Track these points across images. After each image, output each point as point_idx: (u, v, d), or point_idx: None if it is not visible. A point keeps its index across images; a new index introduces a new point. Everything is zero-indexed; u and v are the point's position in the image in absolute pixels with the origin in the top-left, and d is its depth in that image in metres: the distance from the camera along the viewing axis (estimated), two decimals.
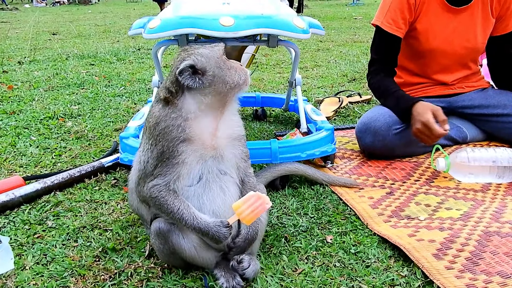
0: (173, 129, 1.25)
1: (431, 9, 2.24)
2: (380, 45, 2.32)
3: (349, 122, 2.92)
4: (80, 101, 3.41)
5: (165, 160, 1.26)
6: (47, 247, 1.49)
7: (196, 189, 1.30)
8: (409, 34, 2.28)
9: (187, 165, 1.27)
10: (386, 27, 2.24)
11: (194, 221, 1.24)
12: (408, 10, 2.22)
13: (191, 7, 2.00)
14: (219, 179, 1.32)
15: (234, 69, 1.31)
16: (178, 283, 1.32)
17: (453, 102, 2.41)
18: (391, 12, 2.23)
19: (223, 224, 1.24)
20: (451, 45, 2.29)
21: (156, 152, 1.26)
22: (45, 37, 7.72)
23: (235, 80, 1.29)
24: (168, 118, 1.26)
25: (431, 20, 2.25)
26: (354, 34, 8.00)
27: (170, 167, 1.26)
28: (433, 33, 2.26)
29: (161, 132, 1.26)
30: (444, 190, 1.89)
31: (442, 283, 1.27)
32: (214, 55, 1.29)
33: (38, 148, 2.42)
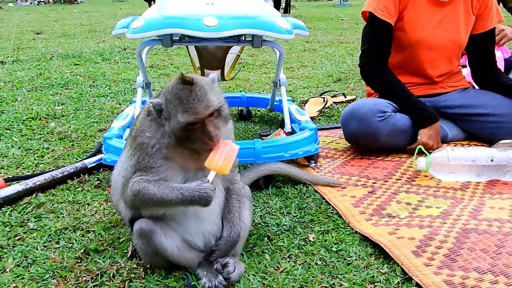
0: (148, 147, 1.26)
1: (418, 1, 2.30)
2: (373, 32, 2.34)
3: (333, 122, 2.94)
4: (64, 101, 3.38)
5: (143, 168, 1.27)
6: (28, 249, 1.48)
7: None
8: (396, 25, 2.33)
9: (167, 174, 1.28)
10: (378, 13, 2.28)
11: (177, 192, 1.21)
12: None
13: (175, 7, 2.00)
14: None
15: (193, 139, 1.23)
16: (160, 283, 1.32)
17: (436, 102, 2.45)
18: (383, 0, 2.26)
19: (204, 181, 1.21)
20: (436, 38, 2.34)
21: (134, 161, 1.28)
22: (29, 36, 7.62)
23: (188, 145, 1.25)
24: (144, 135, 1.27)
25: (418, 12, 2.31)
26: (340, 34, 8.07)
27: (149, 173, 1.26)
28: (419, 24, 2.32)
29: (137, 147, 1.28)
30: (424, 189, 1.92)
31: (420, 279, 1.29)
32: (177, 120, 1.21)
33: (20, 149, 2.40)
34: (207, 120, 1.20)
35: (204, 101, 1.18)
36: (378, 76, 2.37)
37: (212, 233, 1.36)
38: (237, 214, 1.37)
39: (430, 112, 2.26)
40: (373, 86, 2.44)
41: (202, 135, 1.21)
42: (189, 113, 1.17)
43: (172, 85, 1.21)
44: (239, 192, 1.40)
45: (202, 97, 1.18)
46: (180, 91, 1.18)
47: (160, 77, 4.35)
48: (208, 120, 1.21)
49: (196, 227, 1.33)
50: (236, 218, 1.36)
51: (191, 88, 1.18)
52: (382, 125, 2.17)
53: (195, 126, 1.20)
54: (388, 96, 2.32)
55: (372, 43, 2.35)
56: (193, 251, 1.35)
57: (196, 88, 1.18)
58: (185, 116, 1.17)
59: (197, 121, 1.19)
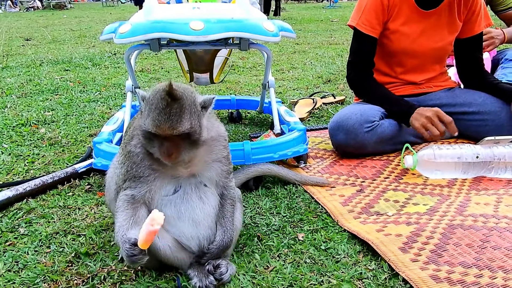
0: (134, 156, 1.27)
1: (403, 12, 2.34)
2: (357, 45, 2.41)
3: (323, 122, 2.97)
4: (54, 107, 3.38)
5: (131, 177, 1.28)
6: (19, 254, 1.49)
7: (173, 199, 1.32)
8: (382, 33, 2.37)
9: (157, 182, 1.29)
10: (361, 27, 2.33)
11: (119, 237, 1.21)
12: (381, 11, 2.31)
13: (161, 12, 2.02)
14: (198, 190, 1.34)
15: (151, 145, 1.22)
16: (151, 284, 1.33)
17: (422, 101, 2.49)
18: (366, 13, 2.32)
19: (130, 242, 1.16)
20: (420, 46, 2.38)
21: (124, 169, 1.31)
22: (18, 43, 7.59)
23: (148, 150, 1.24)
24: (131, 143, 1.28)
25: (403, 22, 2.35)
26: (330, 36, 8.12)
27: (138, 183, 1.28)
28: (404, 34, 2.36)
29: (126, 155, 1.30)
30: (412, 187, 1.95)
31: (407, 275, 1.32)
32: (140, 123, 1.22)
33: (10, 155, 2.40)
34: (169, 138, 1.18)
35: (173, 121, 1.15)
36: (361, 87, 2.46)
37: (207, 237, 1.37)
38: (230, 219, 1.39)
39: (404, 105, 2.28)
40: (358, 95, 2.54)
41: (160, 148, 1.20)
42: (154, 124, 1.16)
43: (159, 88, 1.20)
44: (233, 197, 1.42)
45: (174, 116, 1.15)
46: (159, 99, 1.16)
47: (150, 81, 4.36)
48: (171, 139, 1.19)
49: (192, 231, 1.34)
50: (229, 223, 1.38)
51: (169, 102, 1.15)
52: (370, 136, 2.21)
53: (157, 137, 1.19)
54: (371, 102, 2.38)
55: (356, 55, 2.43)
56: (185, 251, 1.36)
57: (174, 105, 1.15)
58: (150, 124, 1.17)
59: (157, 134, 1.18)
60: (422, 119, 2.16)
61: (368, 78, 2.41)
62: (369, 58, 2.39)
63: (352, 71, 2.45)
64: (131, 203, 1.27)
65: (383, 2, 2.30)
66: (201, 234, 1.35)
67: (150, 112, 1.17)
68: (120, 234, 1.21)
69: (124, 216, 1.25)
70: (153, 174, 1.28)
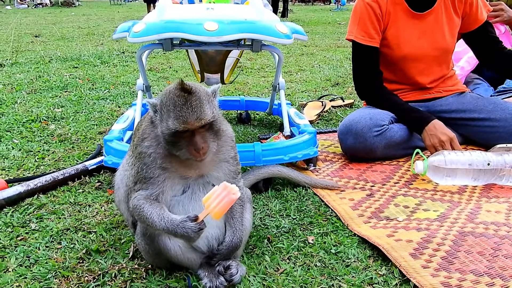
0: (146, 157, 1.26)
1: (398, 18, 2.33)
2: (359, 58, 2.40)
3: (331, 125, 2.97)
4: (64, 104, 3.39)
5: (142, 179, 1.28)
6: (30, 249, 1.50)
7: (181, 199, 1.32)
8: (382, 43, 2.36)
9: (168, 183, 1.29)
10: (359, 39, 2.33)
11: (163, 222, 1.21)
12: (376, 20, 2.31)
13: (175, 12, 2.02)
14: (205, 190, 1.33)
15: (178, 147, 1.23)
16: (161, 283, 1.34)
17: (431, 106, 2.48)
18: (362, 25, 2.32)
19: (190, 219, 1.19)
20: (422, 49, 2.37)
21: (134, 171, 1.30)
22: (27, 39, 7.63)
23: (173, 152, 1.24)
24: (143, 144, 1.27)
25: (399, 28, 2.34)
26: (337, 39, 8.12)
27: (149, 185, 1.28)
28: (403, 39, 2.35)
29: (137, 156, 1.29)
30: (422, 192, 1.94)
31: (418, 281, 1.31)
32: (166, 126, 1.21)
33: (21, 151, 2.41)
34: (197, 131, 1.21)
35: (197, 112, 1.18)
36: (373, 97, 2.44)
37: (216, 237, 1.37)
38: (239, 220, 1.39)
39: (420, 115, 2.27)
40: (368, 103, 2.50)
41: (189, 144, 1.21)
42: (180, 121, 1.18)
43: (170, 89, 1.22)
44: (242, 198, 1.42)
45: (196, 108, 1.18)
46: (176, 97, 1.19)
47: (159, 80, 4.37)
48: (198, 132, 1.21)
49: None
50: (238, 224, 1.38)
51: (187, 96, 1.18)
52: (379, 140, 2.21)
53: (184, 135, 1.20)
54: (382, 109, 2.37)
55: (360, 67, 2.42)
56: (195, 252, 1.36)
57: (192, 98, 1.19)
58: (175, 123, 1.18)
59: (185, 130, 1.19)
60: (435, 140, 2.15)
61: (378, 88, 2.39)
62: (374, 68, 2.38)
63: (360, 85, 2.45)
64: (151, 200, 1.27)
65: (375, 12, 2.29)
66: (210, 234, 1.35)
67: (170, 113, 1.18)
68: (163, 220, 1.20)
69: (155, 208, 1.24)
70: (163, 175, 1.28)
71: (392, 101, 2.36)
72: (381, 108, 2.38)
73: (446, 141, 2.13)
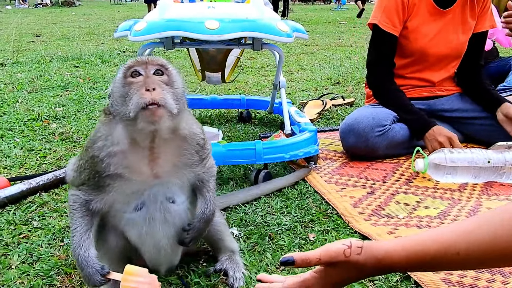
0: (98, 162, 1.10)
1: (421, 10, 2.35)
2: (377, 45, 2.42)
3: (332, 124, 2.98)
4: (65, 103, 3.40)
5: (91, 185, 1.14)
6: (33, 247, 1.50)
7: (134, 218, 1.18)
8: (400, 33, 2.38)
9: (119, 195, 1.15)
10: (383, 26, 2.34)
11: (78, 250, 1.10)
12: (402, 9, 2.32)
13: (176, 10, 2.03)
14: (164, 210, 1.19)
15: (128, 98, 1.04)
16: (163, 280, 1.34)
17: (433, 105, 2.49)
18: (387, 12, 2.33)
19: (102, 272, 1.08)
20: (436, 46, 2.38)
21: (84, 175, 1.14)
22: (28, 39, 7.64)
23: (124, 112, 1.05)
24: (96, 147, 1.11)
25: (420, 21, 2.36)
26: (338, 38, 8.12)
27: (97, 192, 1.14)
28: (421, 33, 2.37)
29: (88, 161, 1.13)
30: (423, 190, 1.95)
31: (419, 278, 1.32)
32: (115, 78, 1.10)
33: (23, 149, 2.42)
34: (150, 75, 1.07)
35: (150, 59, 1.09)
36: (381, 89, 2.45)
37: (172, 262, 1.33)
38: (212, 193, 1.27)
39: (422, 120, 2.27)
40: (375, 96, 2.50)
41: (140, 88, 1.03)
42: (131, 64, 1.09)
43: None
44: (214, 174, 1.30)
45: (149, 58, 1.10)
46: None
47: None
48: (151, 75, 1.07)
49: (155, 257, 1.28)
50: (211, 196, 1.26)
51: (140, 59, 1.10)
52: (380, 140, 2.22)
53: (136, 79, 1.06)
54: (387, 106, 2.38)
55: (377, 55, 2.43)
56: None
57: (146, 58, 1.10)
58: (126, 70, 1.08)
59: (136, 69, 1.07)
60: (435, 142, 2.16)
61: (389, 81, 2.41)
62: (390, 57, 2.39)
63: (373, 72, 2.45)
64: (86, 209, 1.14)
65: (403, 1, 2.31)
66: (166, 259, 1.30)
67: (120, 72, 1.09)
68: (80, 247, 1.11)
69: (83, 226, 1.13)
70: (113, 184, 1.13)
71: (398, 98, 2.37)
72: (385, 102, 2.39)
73: (444, 142, 2.14)
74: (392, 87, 2.41)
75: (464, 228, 0.89)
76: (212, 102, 2.99)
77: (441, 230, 0.93)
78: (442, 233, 0.91)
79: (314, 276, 0.93)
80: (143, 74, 1.07)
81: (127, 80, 1.07)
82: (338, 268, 0.90)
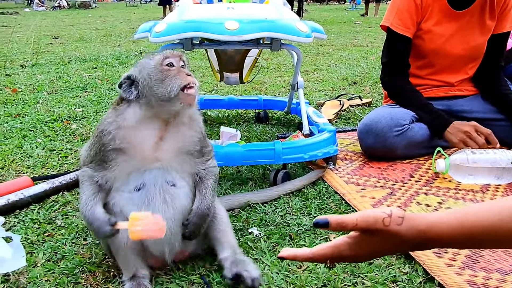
0: (105, 135, 1.23)
1: (435, 12, 2.32)
2: (391, 46, 2.40)
3: (350, 124, 2.96)
4: (84, 104, 3.45)
5: (97, 161, 1.26)
6: (57, 245, 1.53)
7: (134, 198, 1.26)
8: (415, 34, 2.36)
9: (121, 172, 1.25)
10: (395, 28, 2.32)
11: (85, 208, 1.22)
12: (415, 11, 2.30)
13: (196, 11, 2.04)
14: (163, 191, 1.27)
15: (168, 81, 1.22)
16: (186, 279, 1.35)
17: (452, 105, 2.46)
18: (400, 14, 2.32)
19: (110, 222, 1.17)
20: (452, 47, 2.35)
21: (92, 151, 1.27)
22: (47, 41, 7.77)
23: (163, 93, 1.21)
24: (106, 123, 1.25)
25: (435, 22, 2.33)
26: (354, 38, 8.08)
27: (102, 169, 1.25)
28: (436, 34, 2.34)
29: (97, 135, 1.26)
30: (444, 191, 1.93)
31: (443, 279, 1.31)
32: (148, 65, 1.25)
33: (44, 149, 2.46)
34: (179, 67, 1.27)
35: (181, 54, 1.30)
36: (396, 89, 2.43)
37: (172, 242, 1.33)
38: (210, 190, 1.34)
39: (441, 118, 2.25)
40: (391, 97, 2.49)
41: (179, 73, 1.24)
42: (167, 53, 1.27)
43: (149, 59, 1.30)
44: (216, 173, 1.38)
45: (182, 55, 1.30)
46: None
47: None
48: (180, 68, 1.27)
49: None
50: (208, 193, 1.34)
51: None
52: (399, 140, 2.20)
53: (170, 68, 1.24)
54: (405, 107, 2.36)
55: (390, 56, 2.41)
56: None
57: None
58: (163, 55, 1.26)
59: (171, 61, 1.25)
60: (460, 134, 2.13)
61: (404, 82, 2.39)
62: (404, 58, 2.38)
63: (387, 73, 2.44)
64: (93, 182, 1.26)
65: (416, 2, 2.29)
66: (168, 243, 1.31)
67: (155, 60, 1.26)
68: (88, 206, 1.22)
69: (91, 191, 1.24)
70: (118, 159, 1.24)
71: (415, 98, 2.35)
72: (403, 103, 2.37)
73: (470, 130, 2.12)
74: (408, 87, 2.38)
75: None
76: (229, 103, 3.00)
77: (496, 201, 0.84)
78: (495, 204, 0.82)
79: (347, 242, 0.85)
80: (175, 66, 1.26)
81: (164, 68, 1.24)
82: (375, 237, 0.83)
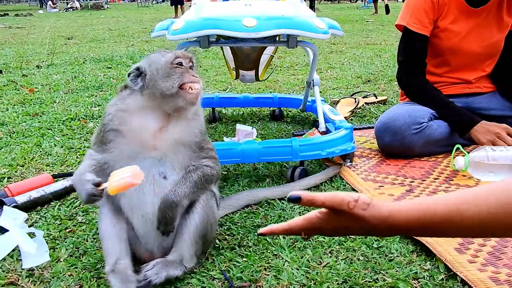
0: (105, 116, 1.31)
1: (452, 9, 2.30)
2: (407, 45, 2.38)
3: (365, 122, 2.95)
4: (100, 103, 3.49)
5: (98, 142, 1.33)
6: (79, 241, 1.55)
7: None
8: (432, 32, 2.33)
9: (118, 156, 1.29)
10: (412, 27, 2.30)
11: (77, 175, 1.27)
12: (431, 9, 2.28)
13: (213, 9, 2.05)
14: (155, 183, 1.30)
15: (172, 78, 1.28)
16: (206, 274, 1.36)
17: (471, 103, 2.43)
18: (416, 13, 2.29)
19: (93, 181, 1.17)
20: (469, 44, 2.33)
21: (96, 132, 1.36)
22: (61, 41, 7.87)
23: (165, 88, 1.27)
24: (108, 105, 1.34)
25: (452, 20, 2.31)
26: (366, 36, 8.03)
27: (101, 151, 1.31)
28: (453, 32, 2.31)
29: (103, 117, 1.34)
30: (463, 188, 1.90)
31: (465, 275, 1.29)
32: (159, 60, 1.31)
33: (63, 148, 2.49)
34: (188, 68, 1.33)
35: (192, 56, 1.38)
36: (415, 88, 2.40)
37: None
38: (189, 185, 1.31)
39: (467, 116, 2.23)
40: (410, 97, 2.45)
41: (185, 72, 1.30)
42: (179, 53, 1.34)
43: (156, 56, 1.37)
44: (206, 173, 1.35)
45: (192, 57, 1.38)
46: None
47: None
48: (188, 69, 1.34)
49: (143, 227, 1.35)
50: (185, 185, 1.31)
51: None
52: (417, 138, 2.18)
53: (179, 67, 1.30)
54: (424, 105, 2.33)
55: (407, 55, 2.39)
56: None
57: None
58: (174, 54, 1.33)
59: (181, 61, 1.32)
60: (490, 134, 2.12)
61: (422, 80, 2.36)
62: (421, 57, 2.35)
63: (404, 73, 2.41)
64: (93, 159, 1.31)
65: (433, 1, 2.27)
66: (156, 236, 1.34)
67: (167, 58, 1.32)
68: (80, 174, 1.25)
69: (87, 163, 1.30)
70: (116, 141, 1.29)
71: (436, 97, 2.32)
72: (421, 101, 2.34)
73: (501, 131, 2.11)
74: (427, 86, 2.36)
75: (473, 193, 0.90)
76: (244, 101, 3.01)
77: (448, 194, 0.95)
78: (449, 197, 0.92)
79: (318, 216, 0.96)
80: (184, 66, 1.33)
81: (173, 65, 1.30)
82: (341, 217, 0.93)
